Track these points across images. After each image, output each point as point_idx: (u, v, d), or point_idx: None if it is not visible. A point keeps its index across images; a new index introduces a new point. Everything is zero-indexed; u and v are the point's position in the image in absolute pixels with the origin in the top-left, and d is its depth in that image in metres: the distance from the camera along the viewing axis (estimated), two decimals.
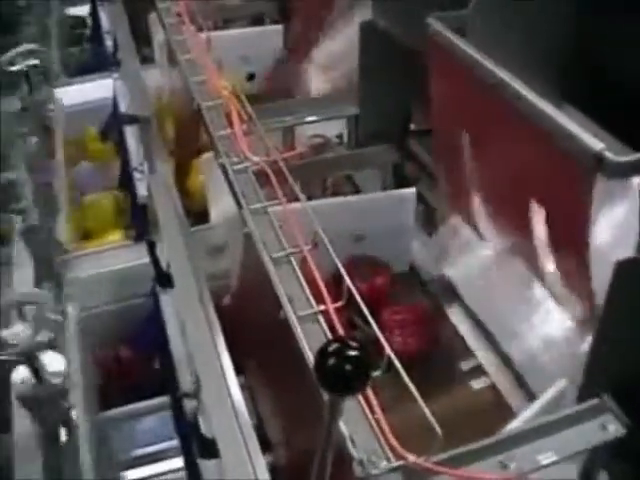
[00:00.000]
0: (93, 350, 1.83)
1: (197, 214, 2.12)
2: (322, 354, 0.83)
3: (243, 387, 1.46)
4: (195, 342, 1.46)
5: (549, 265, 1.54)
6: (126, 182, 2.41)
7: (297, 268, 1.36)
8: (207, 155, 1.97)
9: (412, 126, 2.28)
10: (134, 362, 2.07)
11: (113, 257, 2.20)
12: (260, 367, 1.67)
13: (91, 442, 1.65)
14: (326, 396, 0.89)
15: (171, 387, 1.71)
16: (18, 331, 1.20)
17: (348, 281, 1.28)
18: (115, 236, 2.56)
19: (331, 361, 0.82)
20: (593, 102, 1.54)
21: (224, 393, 1.36)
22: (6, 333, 1.20)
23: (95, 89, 3.09)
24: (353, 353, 0.82)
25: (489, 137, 1.61)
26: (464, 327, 1.84)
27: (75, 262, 2.10)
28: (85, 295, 1.94)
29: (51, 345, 1.20)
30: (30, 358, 1.19)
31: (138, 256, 2.09)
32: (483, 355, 1.79)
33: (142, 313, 1.95)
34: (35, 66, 1.97)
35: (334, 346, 0.83)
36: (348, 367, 0.82)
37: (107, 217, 2.66)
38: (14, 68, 2.00)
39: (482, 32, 1.62)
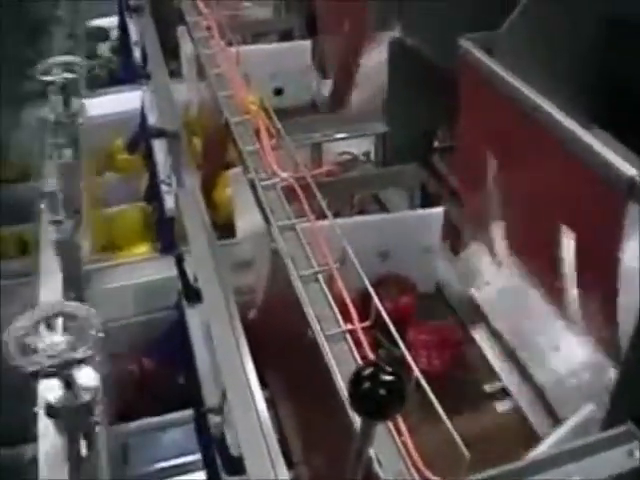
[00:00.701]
0: (117, 362, 1.83)
1: (222, 227, 2.12)
2: (356, 378, 0.83)
3: (266, 402, 1.46)
4: (222, 358, 1.45)
5: (572, 294, 1.54)
6: (153, 195, 2.42)
7: (325, 286, 1.36)
8: (235, 169, 1.97)
9: (436, 143, 2.29)
10: (158, 374, 2.07)
11: (138, 269, 2.20)
12: (284, 382, 1.67)
13: (110, 456, 1.66)
14: (358, 419, 0.89)
15: (196, 401, 1.71)
16: (57, 342, 1.20)
17: (377, 302, 1.28)
18: (142, 248, 2.57)
19: (365, 385, 0.82)
20: (617, 120, 1.54)
21: (251, 409, 1.36)
22: (43, 344, 1.20)
23: (123, 101, 3.11)
24: (388, 378, 0.82)
25: (516, 158, 1.61)
26: (489, 348, 1.84)
27: (100, 273, 2.11)
28: (110, 306, 1.95)
29: (88, 361, 1.20)
30: (64, 371, 1.19)
31: (163, 269, 2.09)
32: (508, 377, 1.79)
33: (167, 325, 1.95)
34: (71, 79, 1.96)
35: (368, 370, 0.82)
36: (382, 392, 0.81)
37: (134, 229, 2.66)
38: (49, 78, 1.99)
39: (511, 52, 1.63)
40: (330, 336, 1.26)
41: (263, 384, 1.48)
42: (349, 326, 1.27)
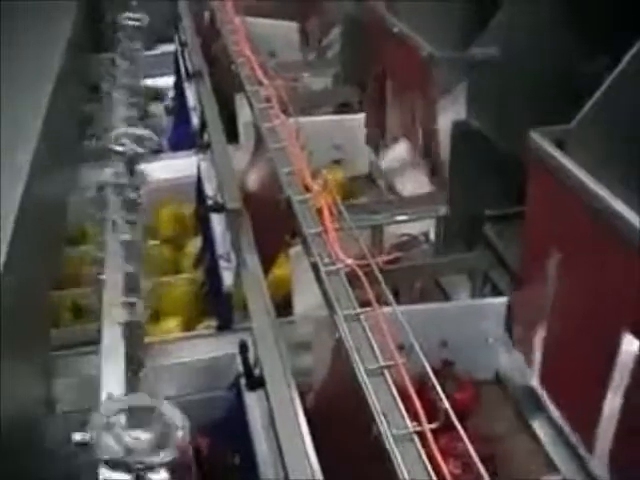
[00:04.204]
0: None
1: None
2: None
3: None
4: (287, 449, 1.43)
5: None
6: (207, 269, 2.42)
7: (391, 382, 1.34)
8: (296, 249, 1.96)
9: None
10: (212, 455, 2.04)
11: (194, 346, 2.18)
12: (340, 475, 1.64)
13: None
14: None
15: None
16: (142, 439, 1.19)
17: (446, 403, 1.27)
18: (172, 323, 2.58)
19: None
20: None
21: None
22: (129, 438, 1.19)
23: (177, 166, 3.13)
24: None
25: (583, 257, 1.59)
26: (548, 440, 1.80)
27: (155, 350, 2.09)
28: (165, 384, 1.94)
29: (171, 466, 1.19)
30: (142, 470, 1.18)
31: (221, 346, 2.08)
32: (568, 470, 1.75)
33: (223, 405, 1.93)
34: (139, 152, 1.96)
35: None
36: None
37: (183, 301, 2.66)
38: (118, 149, 2.00)
39: (584, 147, 1.61)
40: (397, 436, 1.24)
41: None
42: (417, 427, 1.25)
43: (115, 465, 1.19)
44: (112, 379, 1.59)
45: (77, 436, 1.23)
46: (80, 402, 1.93)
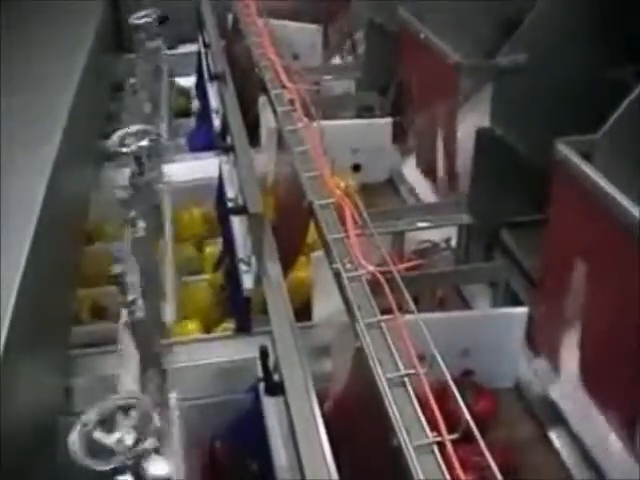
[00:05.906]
0: (189, 444, 1.81)
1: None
2: None
3: None
4: (304, 452, 1.42)
5: None
6: (227, 271, 2.41)
7: (412, 393, 1.34)
8: (318, 253, 1.95)
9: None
10: (228, 458, 2.04)
11: (212, 348, 2.17)
12: None
13: None
14: None
15: None
16: (122, 438, 1.19)
17: (467, 414, 1.26)
18: (191, 325, 2.56)
19: None
20: None
21: None
22: (109, 441, 1.18)
23: (198, 168, 3.13)
24: None
25: (609, 269, 1.58)
26: (569, 455, 1.79)
27: (174, 351, 2.09)
28: (183, 385, 1.93)
29: (156, 450, 1.18)
30: (134, 466, 1.17)
31: (239, 349, 2.08)
32: None
33: (240, 409, 1.93)
34: (146, 147, 1.94)
35: None
36: None
37: (206, 303, 2.66)
38: (125, 150, 1.98)
39: (611, 158, 1.60)
40: (417, 447, 1.23)
41: None
42: (437, 438, 1.24)
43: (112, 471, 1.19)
44: (126, 379, 1.59)
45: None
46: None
